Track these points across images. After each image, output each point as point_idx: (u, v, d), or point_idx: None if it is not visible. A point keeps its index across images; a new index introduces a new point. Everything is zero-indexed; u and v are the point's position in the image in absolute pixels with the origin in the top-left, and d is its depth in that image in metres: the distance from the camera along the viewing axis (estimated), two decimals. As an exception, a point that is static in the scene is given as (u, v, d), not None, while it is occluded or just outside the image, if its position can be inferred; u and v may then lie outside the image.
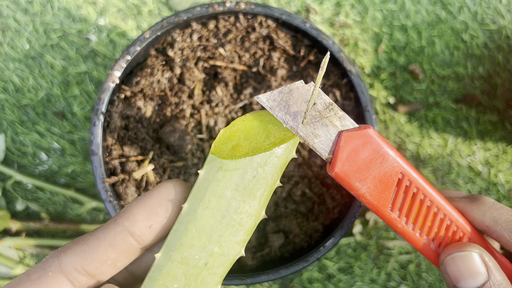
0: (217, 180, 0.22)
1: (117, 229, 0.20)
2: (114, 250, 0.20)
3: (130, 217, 0.20)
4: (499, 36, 0.54)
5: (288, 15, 0.39)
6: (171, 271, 0.21)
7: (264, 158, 0.22)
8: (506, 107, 0.53)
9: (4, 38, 0.53)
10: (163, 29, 0.38)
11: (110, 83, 0.38)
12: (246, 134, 0.23)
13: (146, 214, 0.20)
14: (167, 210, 0.20)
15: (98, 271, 0.20)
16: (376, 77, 0.53)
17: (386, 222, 0.26)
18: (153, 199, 0.20)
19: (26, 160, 0.52)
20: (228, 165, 0.22)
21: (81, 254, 0.20)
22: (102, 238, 0.20)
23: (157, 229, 0.20)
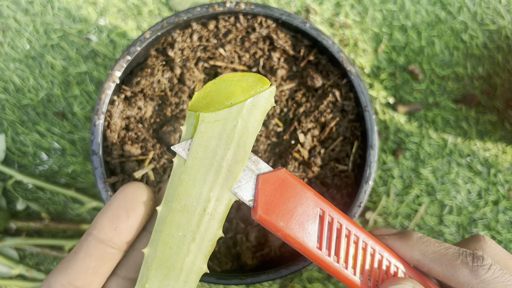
0: (201, 132, 0.23)
1: (88, 239, 0.22)
2: (90, 259, 0.22)
3: (97, 226, 0.22)
4: (499, 36, 0.54)
5: (288, 15, 0.39)
6: (174, 220, 0.23)
7: (241, 107, 0.23)
8: (505, 107, 0.53)
9: (4, 38, 0.53)
10: (163, 29, 0.38)
11: (110, 83, 0.38)
12: (219, 92, 0.24)
13: (109, 219, 0.22)
14: (127, 210, 0.22)
15: (83, 282, 0.22)
16: (375, 77, 0.53)
17: (318, 263, 0.25)
18: (113, 204, 0.22)
19: (27, 160, 0.52)
20: (208, 117, 0.23)
21: (64, 271, 0.22)
22: (78, 252, 0.22)
23: (123, 229, 0.22)
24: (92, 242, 0.22)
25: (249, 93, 0.24)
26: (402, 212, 0.53)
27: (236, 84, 0.24)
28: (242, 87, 0.24)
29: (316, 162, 0.40)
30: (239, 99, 0.24)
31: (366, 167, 0.38)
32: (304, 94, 0.41)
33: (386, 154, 0.53)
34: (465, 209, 0.53)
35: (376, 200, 0.53)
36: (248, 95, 0.24)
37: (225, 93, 0.24)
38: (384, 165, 0.53)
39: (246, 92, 0.24)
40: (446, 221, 0.53)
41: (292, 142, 0.41)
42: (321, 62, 0.41)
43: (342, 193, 0.40)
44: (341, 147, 0.40)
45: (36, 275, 0.50)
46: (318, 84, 0.40)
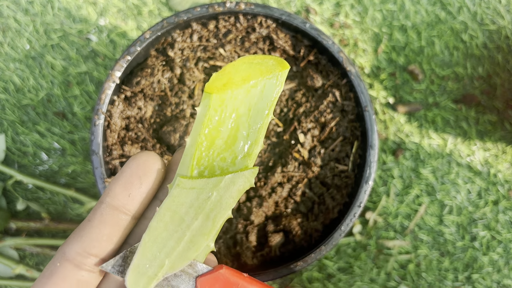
0: (173, 196, 0.23)
1: (102, 206, 0.22)
2: (105, 226, 0.22)
3: (110, 193, 0.22)
4: (499, 36, 0.54)
5: (288, 15, 0.39)
6: None
7: (219, 181, 0.23)
8: (505, 107, 0.53)
9: (4, 39, 0.53)
10: (163, 30, 0.38)
11: (110, 83, 0.38)
12: (237, 73, 0.24)
13: (122, 186, 0.22)
14: (140, 177, 0.22)
15: (98, 249, 0.22)
16: (375, 77, 0.54)
17: None
18: (126, 172, 0.22)
19: (27, 160, 0.52)
20: (185, 183, 0.23)
21: (79, 239, 0.22)
22: (92, 219, 0.22)
23: (136, 195, 0.22)
24: (106, 209, 0.22)
25: (268, 76, 0.23)
26: (402, 212, 0.53)
27: (255, 67, 0.24)
28: (261, 70, 0.24)
29: (316, 162, 0.40)
30: (254, 77, 0.23)
31: (366, 167, 0.38)
32: (304, 94, 0.41)
33: (386, 154, 0.53)
34: (465, 209, 0.53)
35: (376, 200, 0.53)
36: (266, 78, 0.23)
37: (243, 75, 0.23)
38: (384, 165, 0.53)
39: (265, 75, 0.23)
40: (446, 221, 0.53)
41: (292, 142, 0.41)
42: (321, 62, 0.41)
43: (342, 193, 0.40)
44: (341, 147, 0.40)
45: (36, 275, 0.50)
46: (318, 84, 0.40)
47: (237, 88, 0.23)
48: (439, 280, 0.53)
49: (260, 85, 0.23)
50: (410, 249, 0.53)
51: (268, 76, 0.23)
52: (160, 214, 0.22)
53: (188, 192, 0.23)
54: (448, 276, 0.53)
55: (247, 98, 0.23)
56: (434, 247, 0.53)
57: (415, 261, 0.53)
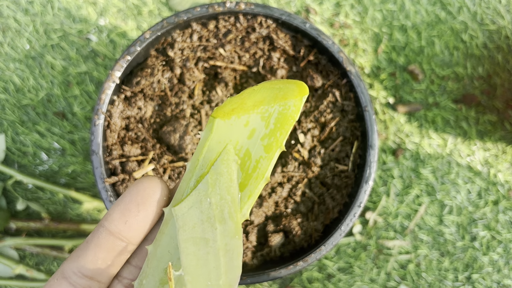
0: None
1: (99, 230, 0.22)
2: (100, 249, 0.22)
3: (108, 218, 0.22)
4: (499, 36, 0.54)
5: (288, 15, 0.39)
6: None
7: (271, 109, 0.22)
8: (505, 107, 0.53)
9: (4, 38, 0.53)
10: (163, 30, 0.38)
11: (110, 83, 0.38)
12: (249, 98, 0.22)
13: (120, 212, 0.22)
14: (138, 205, 0.22)
15: (93, 272, 0.22)
16: (375, 77, 0.53)
17: None
18: (125, 198, 0.22)
19: (27, 160, 0.52)
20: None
21: (75, 259, 0.22)
22: (89, 242, 0.22)
23: (133, 223, 0.22)
24: (102, 233, 0.22)
25: (281, 102, 0.22)
26: (402, 212, 0.53)
27: (271, 92, 0.22)
28: (276, 95, 0.22)
29: (316, 162, 0.40)
30: (266, 107, 0.22)
31: (366, 167, 0.38)
32: (304, 94, 0.41)
33: (386, 154, 0.53)
34: (465, 209, 0.53)
35: (376, 200, 0.53)
36: (278, 104, 0.22)
37: (256, 100, 0.22)
38: (384, 165, 0.53)
39: (278, 101, 0.22)
40: (446, 221, 0.53)
41: (292, 142, 0.41)
42: (321, 62, 0.41)
43: (342, 193, 0.40)
44: (341, 147, 0.40)
45: (36, 275, 0.50)
46: (318, 84, 0.40)
47: (244, 114, 0.22)
48: (439, 280, 0.53)
49: (270, 111, 0.22)
50: (410, 249, 0.53)
51: (281, 102, 0.22)
52: (184, 249, 0.21)
53: (190, 213, 0.22)
54: (448, 276, 0.53)
55: (253, 126, 0.22)
56: (434, 247, 0.53)
57: (415, 261, 0.53)
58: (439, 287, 0.52)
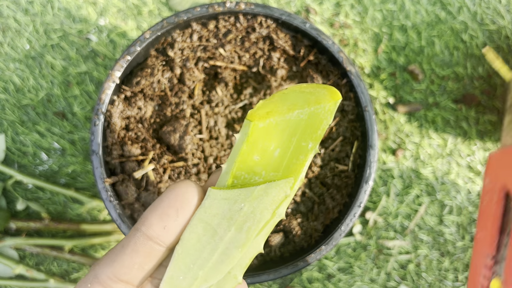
0: (205, 207, 0.22)
1: (136, 235, 0.22)
2: (137, 254, 0.22)
3: (146, 222, 0.22)
4: (499, 36, 0.54)
5: (288, 15, 0.39)
6: None
7: (251, 191, 0.22)
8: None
9: (4, 38, 0.53)
10: (163, 29, 0.38)
11: (110, 83, 0.38)
12: (283, 102, 0.23)
13: (158, 217, 0.22)
14: (177, 209, 0.22)
15: (129, 276, 0.22)
16: (375, 77, 0.53)
17: None
18: (163, 202, 0.22)
19: (27, 160, 0.52)
20: (215, 194, 0.22)
21: (111, 263, 0.22)
22: (125, 246, 0.22)
23: (171, 228, 0.22)
24: (140, 238, 0.22)
25: (315, 106, 0.22)
26: (402, 212, 0.53)
27: (303, 96, 0.23)
28: (309, 99, 0.22)
29: (316, 162, 0.40)
30: (300, 111, 0.22)
31: (366, 167, 0.38)
32: (304, 94, 0.41)
33: (386, 154, 0.53)
34: (465, 209, 0.53)
35: (376, 200, 0.53)
36: (313, 108, 0.22)
37: (289, 104, 0.22)
38: (384, 165, 0.53)
39: (312, 105, 0.22)
40: (446, 221, 0.53)
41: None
42: (321, 62, 0.41)
43: (342, 193, 0.40)
44: (341, 147, 0.40)
45: (36, 275, 0.50)
46: (318, 84, 0.40)
47: (279, 117, 0.22)
48: (439, 280, 0.53)
49: (305, 115, 0.22)
50: (410, 249, 0.53)
51: (315, 106, 0.22)
52: (192, 225, 0.22)
53: (220, 203, 0.22)
54: (448, 276, 0.53)
55: (289, 129, 0.22)
56: (434, 247, 0.53)
57: (415, 261, 0.53)
58: (439, 287, 0.52)
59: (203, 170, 0.39)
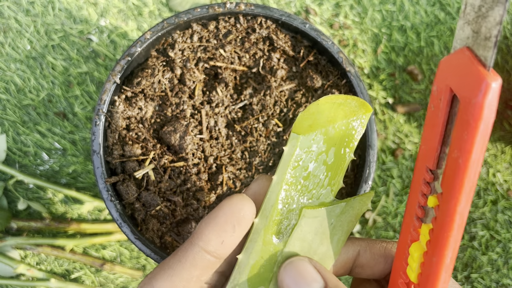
0: (301, 226, 0.25)
1: (195, 250, 0.23)
2: (195, 268, 0.23)
3: (203, 238, 0.23)
4: (498, 37, 0.54)
5: (288, 16, 0.39)
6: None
7: (336, 207, 0.25)
8: (504, 107, 0.53)
9: (5, 39, 0.53)
10: (164, 30, 0.39)
11: (111, 83, 0.38)
12: (321, 114, 0.25)
13: (216, 233, 0.23)
14: (234, 225, 0.23)
15: None
16: (375, 78, 0.54)
17: None
18: (220, 217, 0.23)
19: (28, 160, 0.53)
20: (309, 213, 0.25)
21: (169, 278, 0.23)
22: (183, 261, 0.23)
23: (228, 243, 0.23)
24: (199, 253, 0.23)
25: (352, 118, 0.25)
26: (401, 211, 0.53)
27: (338, 108, 0.25)
28: (345, 112, 0.25)
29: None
30: (340, 123, 0.25)
31: (366, 167, 0.38)
32: (304, 94, 0.41)
33: (385, 154, 0.53)
34: (464, 208, 0.53)
35: (376, 200, 0.53)
36: (350, 119, 0.25)
37: (328, 116, 0.25)
38: (384, 165, 0.53)
39: (349, 117, 0.25)
40: (445, 221, 0.53)
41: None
42: (320, 62, 0.41)
43: (342, 193, 0.41)
44: (341, 147, 0.40)
45: (37, 274, 0.50)
46: (318, 85, 0.40)
47: (323, 129, 0.25)
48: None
49: (344, 126, 0.25)
50: (410, 248, 0.53)
51: (352, 118, 0.25)
52: (291, 244, 0.24)
53: (313, 221, 0.25)
54: (447, 276, 0.53)
55: (331, 139, 0.25)
56: (434, 246, 0.53)
57: (414, 260, 0.53)
58: (438, 286, 0.53)
59: (203, 170, 0.40)
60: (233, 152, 0.40)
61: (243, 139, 0.40)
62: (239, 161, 0.40)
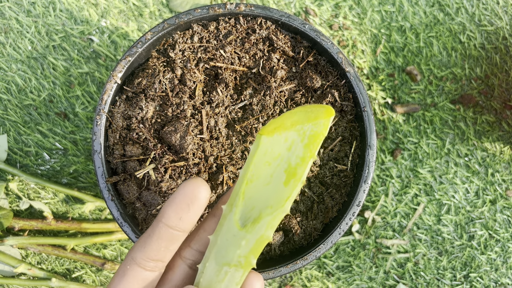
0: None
1: (159, 225, 0.28)
2: (162, 240, 0.28)
3: (165, 215, 0.28)
4: (497, 37, 0.54)
5: (288, 16, 0.39)
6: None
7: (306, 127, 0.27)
8: (503, 107, 0.54)
9: (6, 40, 0.53)
10: (164, 31, 0.39)
11: (112, 83, 0.38)
12: (289, 118, 0.28)
13: (174, 210, 0.28)
14: (188, 203, 0.28)
15: (158, 256, 0.28)
16: (374, 78, 0.54)
17: None
18: (177, 198, 0.28)
19: (29, 160, 0.53)
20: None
21: (142, 248, 0.28)
22: (151, 235, 0.28)
23: (186, 219, 0.28)
24: (162, 228, 0.28)
25: (315, 121, 0.27)
26: (400, 211, 0.53)
27: (305, 113, 0.28)
28: (309, 116, 0.27)
29: (315, 162, 0.41)
30: (301, 126, 0.28)
31: (365, 167, 0.38)
32: (303, 94, 0.41)
33: (384, 154, 0.54)
34: (463, 208, 0.53)
35: (375, 200, 0.53)
36: (311, 123, 0.27)
37: (293, 120, 0.28)
38: (383, 165, 0.53)
39: (312, 121, 0.27)
40: (444, 220, 0.53)
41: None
42: (320, 63, 0.41)
43: (341, 193, 0.41)
44: (340, 147, 0.41)
45: (38, 273, 0.50)
46: (317, 85, 0.41)
47: (284, 131, 0.27)
48: (437, 279, 0.53)
49: (305, 129, 0.27)
50: (409, 248, 0.53)
51: (313, 121, 0.27)
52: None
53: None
54: (446, 275, 0.53)
55: (292, 141, 0.27)
56: (432, 246, 0.53)
57: (413, 260, 0.53)
58: (437, 286, 0.53)
59: (203, 169, 0.40)
60: (233, 152, 0.40)
61: (243, 139, 0.40)
62: (239, 160, 0.40)
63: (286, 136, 0.27)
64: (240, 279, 0.28)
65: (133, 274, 0.29)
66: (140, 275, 0.29)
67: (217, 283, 0.28)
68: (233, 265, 0.28)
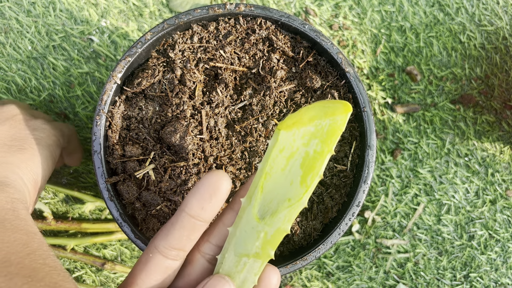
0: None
1: (181, 215, 0.29)
2: (184, 229, 0.29)
3: (188, 205, 0.28)
4: (497, 37, 0.54)
5: (287, 17, 0.39)
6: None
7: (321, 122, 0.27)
8: (503, 107, 0.54)
9: (6, 40, 0.54)
10: (164, 31, 0.39)
11: (111, 84, 0.38)
12: (306, 113, 0.28)
13: (197, 200, 0.28)
14: (210, 194, 0.28)
15: (180, 245, 0.29)
16: (374, 78, 0.54)
17: None
18: (199, 188, 0.28)
19: (29, 160, 0.53)
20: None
21: (165, 237, 0.29)
22: (174, 223, 0.29)
23: (208, 208, 0.28)
24: (185, 217, 0.28)
25: (332, 117, 0.27)
26: (400, 211, 0.53)
27: (322, 109, 0.28)
28: (327, 112, 0.28)
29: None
30: (319, 121, 0.28)
31: (365, 167, 0.38)
32: (303, 94, 0.42)
33: (384, 154, 0.54)
34: (463, 208, 0.53)
35: (375, 200, 0.53)
36: (329, 118, 0.27)
37: (311, 116, 0.28)
38: (383, 165, 0.53)
39: (330, 116, 0.27)
40: (444, 220, 0.53)
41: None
42: (320, 63, 0.41)
43: (341, 193, 0.41)
44: (340, 147, 0.41)
45: (38, 273, 0.50)
46: (317, 85, 0.41)
47: (302, 127, 0.28)
48: (437, 279, 0.53)
49: (323, 125, 0.27)
50: (409, 248, 0.53)
51: (331, 117, 0.27)
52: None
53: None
54: (446, 275, 0.53)
55: (310, 135, 0.28)
56: (432, 246, 0.53)
57: (413, 260, 0.53)
58: (437, 286, 0.53)
59: (203, 170, 0.40)
60: (233, 152, 0.40)
61: (243, 139, 0.40)
62: (239, 161, 0.40)
63: (304, 131, 0.28)
64: (258, 269, 0.29)
65: (156, 262, 0.29)
66: (163, 263, 0.29)
67: (236, 273, 0.29)
68: (252, 256, 0.28)
